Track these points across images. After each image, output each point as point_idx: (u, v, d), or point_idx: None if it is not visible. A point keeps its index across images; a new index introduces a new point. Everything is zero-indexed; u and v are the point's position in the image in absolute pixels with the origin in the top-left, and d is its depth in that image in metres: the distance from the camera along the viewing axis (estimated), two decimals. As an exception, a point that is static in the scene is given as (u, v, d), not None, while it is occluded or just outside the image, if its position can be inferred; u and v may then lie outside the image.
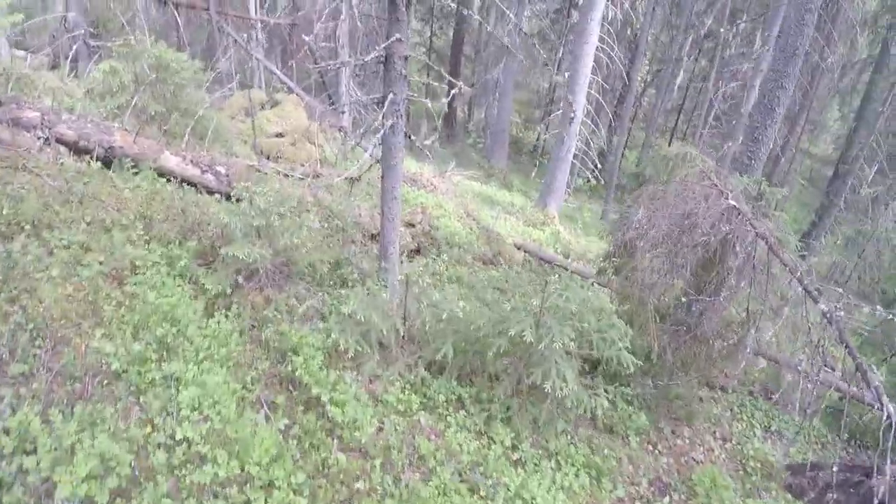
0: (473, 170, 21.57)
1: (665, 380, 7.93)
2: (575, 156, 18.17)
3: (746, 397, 9.36)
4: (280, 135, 12.65)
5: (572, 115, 16.71)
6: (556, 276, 7.11)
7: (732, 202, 6.88)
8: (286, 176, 11.18)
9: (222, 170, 9.39)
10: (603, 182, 22.23)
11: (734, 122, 22.14)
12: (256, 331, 6.53)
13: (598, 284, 10.64)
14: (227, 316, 6.47)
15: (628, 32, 24.17)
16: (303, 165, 12.11)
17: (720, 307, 7.42)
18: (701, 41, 28.17)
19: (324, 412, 5.75)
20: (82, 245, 6.54)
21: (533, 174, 22.22)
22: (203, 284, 6.60)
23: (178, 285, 6.57)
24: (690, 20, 24.32)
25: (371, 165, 7.96)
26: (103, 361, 5.27)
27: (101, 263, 6.35)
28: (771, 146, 9.29)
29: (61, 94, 10.57)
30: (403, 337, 6.82)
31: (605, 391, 7.07)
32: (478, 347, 6.78)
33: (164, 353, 5.63)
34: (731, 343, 7.72)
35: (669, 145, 31.10)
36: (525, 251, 13.01)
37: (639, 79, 26.37)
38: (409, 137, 7.33)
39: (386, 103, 6.65)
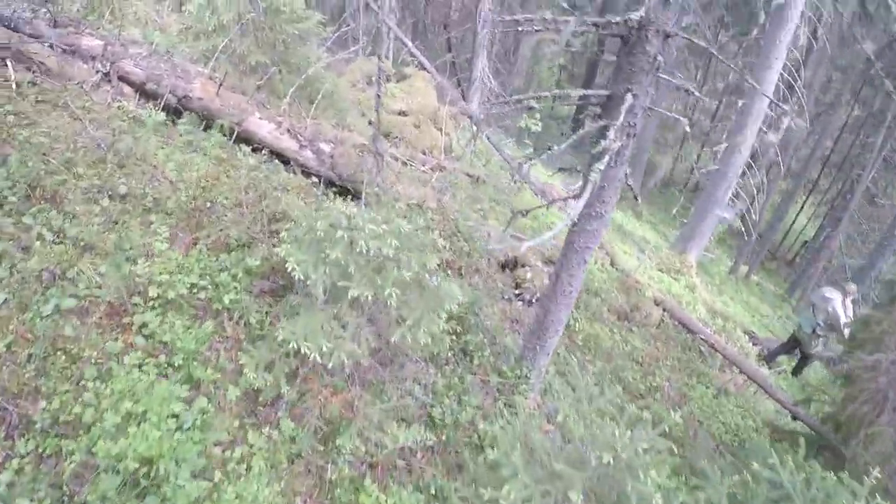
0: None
1: None
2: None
3: None
4: (403, 113, 9.72)
5: (739, 151, 12.99)
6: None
7: None
8: (405, 164, 8.28)
9: (326, 147, 6.52)
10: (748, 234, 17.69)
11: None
12: (319, 459, 3.45)
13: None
14: (270, 439, 3.36)
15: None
16: (425, 154, 9.16)
17: None
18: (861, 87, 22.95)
19: None
20: (79, 241, 3.74)
21: (674, 210, 18.38)
22: (242, 367, 3.48)
23: (206, 356, 3.56)
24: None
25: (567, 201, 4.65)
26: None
27: (97, 281, 3.53)
28: None
29: (152, 28, 7.96)
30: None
31: None
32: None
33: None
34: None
35: (807, 198, 26.16)
36: (665, 309, 9.65)
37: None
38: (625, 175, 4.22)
39: (622, 109, 3.51)
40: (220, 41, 7.02)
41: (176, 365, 3.31)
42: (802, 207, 26.10)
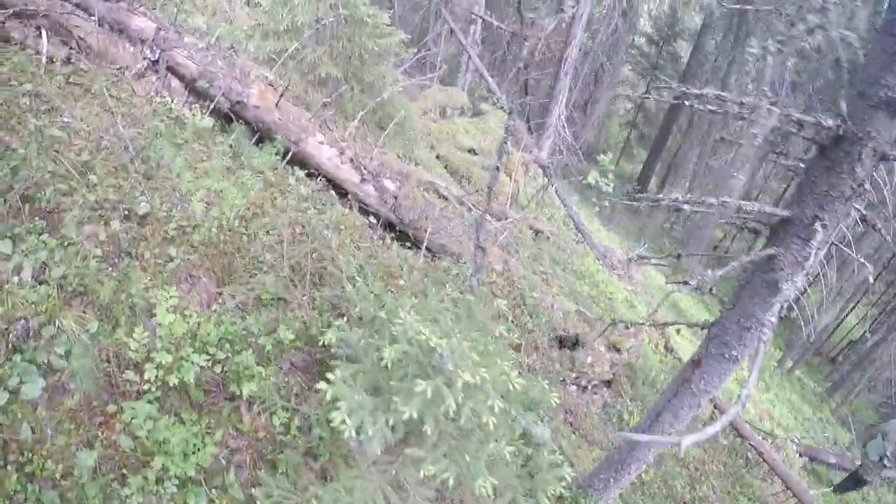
0: (659, 254, 16.75)
1: None
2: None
3: None
4: (473, 151, 8.80)
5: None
6: None
7: None
8: (469, 210, 7.32)
9: (391, 185, 5.57)
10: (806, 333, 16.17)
11: None
12: None
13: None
14: None
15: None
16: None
17: None
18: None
19: None
20: (67, 283, 2.79)
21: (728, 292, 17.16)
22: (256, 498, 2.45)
23: (212, 470, 2.54)
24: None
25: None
26: None
27: (83, 343, 2.58)
28: None
29: (220, 20, 7.16)
30: None
31: None
32: None
33: None
34: None
35: (861, 297, 24.48)
36: (715, 406, 8.73)
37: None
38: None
39: (813, 245, 2.73)
40: (291, 45, 6.16)
41: (168, 491, 2.32)
42: (854, 307, 24.55)
